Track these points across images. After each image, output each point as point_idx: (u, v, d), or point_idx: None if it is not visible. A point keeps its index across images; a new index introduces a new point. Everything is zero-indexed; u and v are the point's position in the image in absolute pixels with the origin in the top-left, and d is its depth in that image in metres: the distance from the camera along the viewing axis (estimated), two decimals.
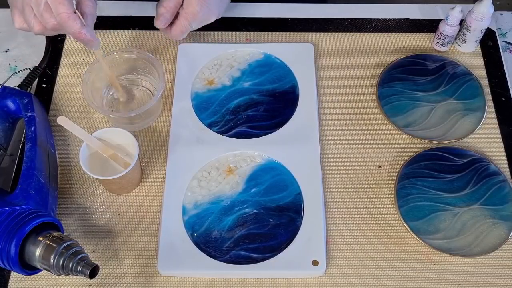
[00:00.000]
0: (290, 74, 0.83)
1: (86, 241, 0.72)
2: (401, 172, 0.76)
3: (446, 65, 0.85)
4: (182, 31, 0.80)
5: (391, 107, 0.82)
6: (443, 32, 0.84)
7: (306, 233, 0.71)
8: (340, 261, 0.71)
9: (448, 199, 0.74)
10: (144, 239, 0.73)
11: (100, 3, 0.92)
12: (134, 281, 0.70)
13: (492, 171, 0.76)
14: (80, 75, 0.85)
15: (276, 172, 0.75)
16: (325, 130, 0.81)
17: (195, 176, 0.75)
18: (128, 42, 0.89)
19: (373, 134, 0.81)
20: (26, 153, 0.71)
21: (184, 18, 0.78)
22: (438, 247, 0.71)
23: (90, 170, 0.69)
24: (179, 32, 0.80)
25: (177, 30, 0.80)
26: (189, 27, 0.79)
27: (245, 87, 0.83)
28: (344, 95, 0.84)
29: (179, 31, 0.80)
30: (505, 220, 0.72)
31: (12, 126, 0.78)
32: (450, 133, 0.79)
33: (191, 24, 0.79)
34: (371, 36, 0.89)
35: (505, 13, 0.93)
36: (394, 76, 0.84)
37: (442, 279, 0.70)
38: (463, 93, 0.82)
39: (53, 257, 0.59)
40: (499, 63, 0.87)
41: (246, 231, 0.71)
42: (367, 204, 0.75)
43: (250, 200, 0.73)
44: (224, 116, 0.80)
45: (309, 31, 0.90)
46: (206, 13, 0.78)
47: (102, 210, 0.74)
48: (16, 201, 0.65)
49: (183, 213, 0.72)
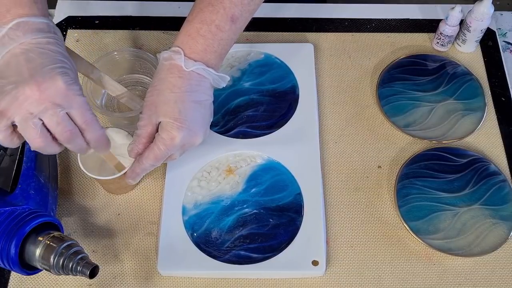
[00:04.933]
0: (290, 74, 0.83)
1: (86, 241, 0.72)
2: (401, 172, 0.76)
3: (446, 65, 0.85)
4: (157, 156, 0.65)
5: (391, 107, 0.82)
6: (443, 32, 0.84)
7: (306, 233, 0.71)
8: (340, 261, 0.71)
9: (448, 199, 0.74)
10: (144, 239, 0.73)
11: (100, 3, 0.92)
12: (134, 281, 0.70)
13: (492, 171, 0.76)
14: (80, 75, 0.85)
15: (276, 172, 0.75)
16: (325, 130, 0.81)
17: (195, 176, 0.75)
18: (128, 42, 0.89)
19: (373, 134, 0.81)
20: (26, 153, 0.71)
21: (160, 142, 0.65)
22: (438, 247, 0.71)
23: (89, 170, 0.69)
24: (152, 158, 0.65)
25: (149, 155, 0.65)
26: (166, 153, 0.65)
27: (245, 87, 0.83)
28: (344, 95, 0.84)
29: (152, 156, 0.65)
30: (505, 220, 0.72)
31: None
32: (450, 133, 0.79)
33: (169, 150, 0.65)
34: (371, 36, 0.89)
35: (505, 13, 0.93)
36: (394, 76, 0.84)
37: (442, 279, 0.70)
38: (463, 93, 0.82)
39: (53, 257, 0.59)
40: (499, 63, 0.87)
41: (246, 231, 0.71)
42: (367, 204, 0.75)
43: (250, 200, 0.73)
44: (224, 116, 0.80)
45: (309, 31, 0.90)
46: (187, 136, 0.65)
47: (102, 210, 0.74)
48: (16, 201, 0.65)
49: (183, 213, 0.72)
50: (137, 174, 0.68)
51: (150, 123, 0.66)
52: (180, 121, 0.64)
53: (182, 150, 0.68)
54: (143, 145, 0.67)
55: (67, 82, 0.58)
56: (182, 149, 0.67)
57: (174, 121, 0.64)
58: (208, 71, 0.66)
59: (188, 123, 0.65)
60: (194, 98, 0.66)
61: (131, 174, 0.68)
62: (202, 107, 0.67)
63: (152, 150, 0.65)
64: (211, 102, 0.69)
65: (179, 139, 0.64)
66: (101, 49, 0.88)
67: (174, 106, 0.64)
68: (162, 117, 0.65)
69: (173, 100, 0.65)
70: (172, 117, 0.64)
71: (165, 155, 0.66)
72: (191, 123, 0.65)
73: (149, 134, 0.66)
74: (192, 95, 0.65)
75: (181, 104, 0.65)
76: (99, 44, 0.88)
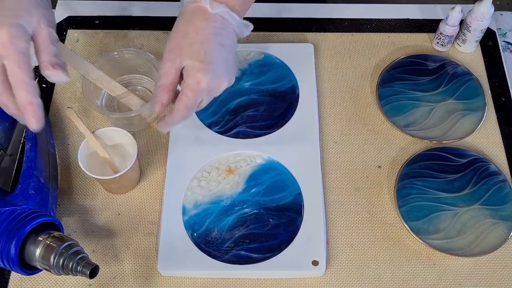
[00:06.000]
0: (290, 74, 0.83)
1: (86, 241, 0.72)
2: (401, 172, 0.76)
3: (446, 65, 0.85)
4: (187, 106, 0.63)
5: (391, 107, 0.82)
6: (443, 32, 0.84)
7: (306, 233, 0.71)
8: (340, 261, 0.71)
9: (448, 199, 0.74)
10: (144, 239, 0.73)
11: (100, 3, 0.92)
12: (134, 281, 0.70)
13: (492, 171, 0.76)
14: (80, 75, 0.85)
15: (276, 172, 0.75)
16: (325, 130, 0.81)
17: (195, 176, 0.75)
18: (128, 42, 0.89)
19: (373, 134, 0.81)
20: (26, 153, 0.71)
21: (187, 90, 0.63)
22: (438, 247, 0.71)
23: (89, 170, 0.69)
24: (184, 109, 0.63)
25: (180, 107, 0.63)
26: (196, 100, 0.63)
27: (245, 87, 0.83)
28: (344, 95, 0.84)
29: (183, 107, 0.63)
30: (505, 220, 0.72)
31: (12, 126, 0.78)
32: (450, 133, 0.79)
33: (197, 96, 0.63)
34: (371, 36, 0.89)
35: (505, 13, 0.93)
36: (394, 76, 0.84)
37: (442, 279, 0.70)
38: (463, 93, 0.82)
39: (53, 257, 0.59)
40: (499, 63, 0.87)
41: (246, 231, 0.71)
42: (367, 204, 0.75)
43: (250, 200, 0.73)
44: (224, 116, 0.80)
45: (309, 31, 0.90)
46: (214, 80, 0.63)
47: (102, 210, 0.74)
48: (16, 201, 0.65)
49: (183, 213, 0.72)
50: (168, 125, 0.66)
51: (173, 67, 0.63)
52: (206, 63, 0.63)
53: (209, 96, 0.66)
54: (168, 94, 0.64)
55: (11, 34, 0.57)
56: (209, 94, 0.65)
57: (200, 63, 0.62)
58: (232, 15, 0.66)
59: (213, 66, 0.63)
60: (219, 40, 0.64)
61: (162, 124, 0.66)
62: (227, 51, 0.65)
63: (181, 101, 0.63)
64: (235, 49, 0.67)
65: (206, 83, 0.62)
66: (101, 49, 0.88)
67: (200, 47, 0.63)
68: (187, 60, 0.63)
69: (199, 42, 0.63)
70: (198, 59, 0.63)
71: (194, 103, 0.64)
72: (216, 66, 0.63)
73: (172, 82, 0.64)
74: (217, 37, 0.64)
75: (206, 46, 0.63)
76: (99, 44, 0.88)
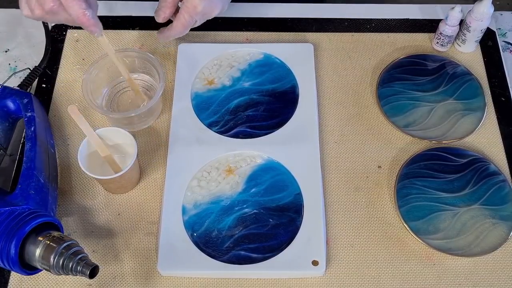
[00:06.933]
0: (290, 74, 0.83)
1: (86, 241, 0.72)
2: (401, 172, 0.76)
3: (446, 65, 0.85)
4: (184, 24, 0.77)
5: (391, 107, 0.82)
6: (443, 32, 0.84)
7: (306, 233, 0.71)
8: (340, 261, 0.71)
9: (448, 199, 0.74)
10: (144, 239, 0.73)
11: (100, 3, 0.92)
12: (134, 281, 0.70)
13: (492, 171, 0.76)
14: (80, 75, 0.85)
15: (276, 172, 0.75)
16: (325, 130, 0.81)
17: (195, 176, 0.75)
18: (128, 42, 0.89)
19: (373, 134, 0.81)
20: (26, 153, 0.71)
21: (185, 11, 0.76)
22: (438, 247, 0.71)
23: (89, 170, 0.69)
24: (181, 27, 0.78)
25: (178, 25, 0.77)
26: (191, 21, 0.77)
27: (245, 87, 0.83)
28: (344, 95, 0.84)
29: (180, 25, 0.77)
30: (505, 220, 0.72)
31: (12, 126, 0.78)
32: (450, 133, 0.79)
33: (193, 17, 0.77)
34: (371, 36, 0.89)
35: (505, 13, 0.93)
36: (394, 76, 0.84)
37: (442, 279, 0.70)
38: (463, 93, 0.82)
39: (53, 257, 0.59)
40: (499, 63, 0.87)
41: (246, 231, 0.71)
42: (367, 204, 0.75)
43: (250, 200, 0.73)
44: (224, 116, 0.80)
45: (309, 31, 0.90)
46: (208, 6, 0.76)
47: (101, 210, 0.75)
48: (16, 201, 0.65)
49: (183, 213, 0.72)
50: (166, 37, 0.80)
51: None
52: None
53: (203, 19, 0.79)
54: (169, 10, 0.78)
55: None
56: (203, 17, 0.79)
57: None
58: None
59: None
60: None
61: (161, 36, 0.80)
62: None
63: (179, 20, 0.77)
64: None
65: (201, 8, 0.76)
66: (101, 49, 0.88)
67: None
68: None
69: None
70: None
71: (190, 23, 0.77)
72: None
73: (174, 1, 0.78)
74: None
75: None
76: (99, 44, 0.88)
